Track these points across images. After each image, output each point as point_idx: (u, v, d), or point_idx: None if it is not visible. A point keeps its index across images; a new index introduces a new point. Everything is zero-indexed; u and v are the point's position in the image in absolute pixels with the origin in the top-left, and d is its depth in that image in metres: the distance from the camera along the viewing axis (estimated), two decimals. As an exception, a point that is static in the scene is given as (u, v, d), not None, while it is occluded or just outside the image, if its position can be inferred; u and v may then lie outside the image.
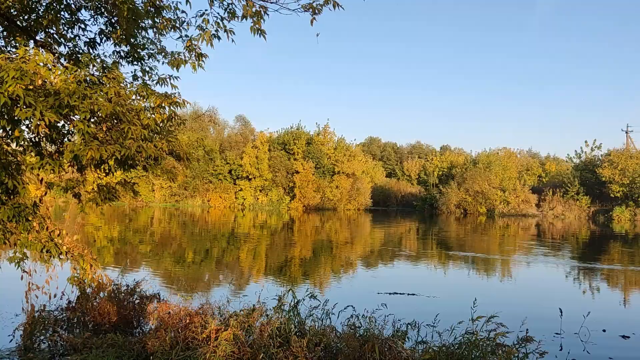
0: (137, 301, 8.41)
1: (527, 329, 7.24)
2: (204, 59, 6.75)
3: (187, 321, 6.79)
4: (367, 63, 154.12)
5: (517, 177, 65.66)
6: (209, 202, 62.62)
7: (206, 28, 6.39)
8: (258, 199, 63.84)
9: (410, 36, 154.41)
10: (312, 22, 5.91)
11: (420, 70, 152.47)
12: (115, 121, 6.21)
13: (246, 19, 6.14)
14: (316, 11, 5.90)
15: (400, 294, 12.12)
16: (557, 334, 8.70)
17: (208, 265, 17.14)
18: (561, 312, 8.73)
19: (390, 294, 12.07)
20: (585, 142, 65.52)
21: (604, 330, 9.03)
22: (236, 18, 6.34)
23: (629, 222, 50.94)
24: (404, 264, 18.24)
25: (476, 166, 64.62)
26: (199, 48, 6.65)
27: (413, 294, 12.08)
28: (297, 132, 67.48)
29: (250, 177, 63.57)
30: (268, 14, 6.08)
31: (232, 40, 6.43)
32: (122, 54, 7.52)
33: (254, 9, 5.98)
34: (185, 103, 6.84)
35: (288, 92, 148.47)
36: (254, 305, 7.04)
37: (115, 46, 7.38)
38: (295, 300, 7.40)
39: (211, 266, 16.90)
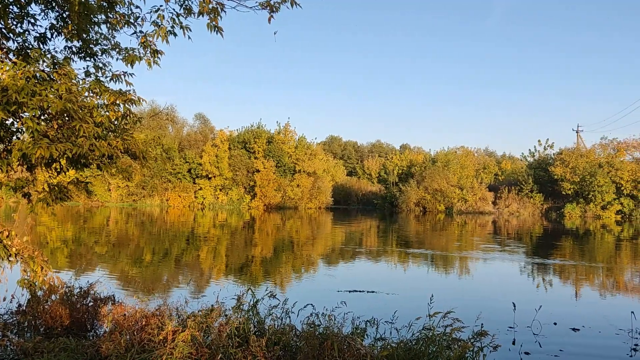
0: (90, 304, 8.18)
1: (482, 324, 7.41)
2: (159, 55, 6.61)
3: (143, 323, 6.66)
4: (327, 63, 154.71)
5: (475, 175, 67.22)
6: (167, 202, 61.58)
7: (161, 24, 6.26)
8: (218, 198, 63.18)
9: (369, 39, 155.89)
10: (269, 19, 5.88)
11: (380, 71, 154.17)
12: (66, 119, 6.02)
13: (203, 16, 6.05)
14: (274, 9, 5.87)
15: (360, 291, 12.22)
16: (510, 327, 8.95)
17: (167, 265, 16.85)
18: (514, 306, 8.99)
19: (350, 291, 12.15)
20: (539, 141, 67.54)
21: (555, 324, 9.34)
22: (192, 14, 6.24)
23: (579, 218, 52.85)
24: (364, 262, 18.39)
25: (435, 165, 65.79)
26: (155, 44, 6.51)
27: (373, 292, 12.20)
28: (257, 131, 67.13)
29: (210, 176, 62.86)
30: (225, 11, 6.01)
31: (189, 37, 6.32)
32: (74, 49, 7.29)
33: (210, 6, 5.90)
34: (141, 100, 6.70)
35: (248, 90, 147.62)
36: (212, 305, 6.96)
37: (66, 41, 7.15)
38: (255, 300, 7.36)
39: (170, 267, 16.62)
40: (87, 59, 7.27)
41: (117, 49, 7.07)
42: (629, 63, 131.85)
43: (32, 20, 7.06)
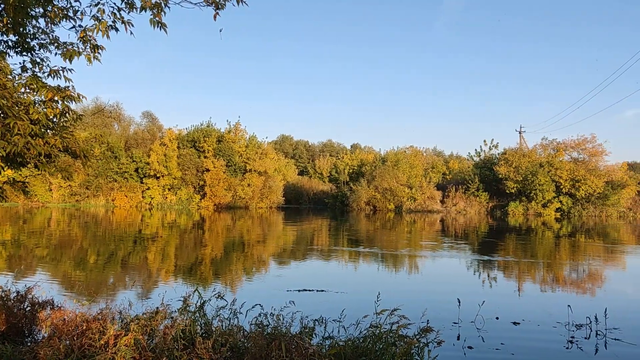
0: (28, 308, 7.84)
1: (427, 320, 7.58)
2: (100, 50, 6.38)
3: (84, 328, 6.43)
4: (278, 62, 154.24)
5: (423, 174, 68.63)
6: (113, 202, 59.85)
7: (102, 18, 6.04)
8: (167, 197, 61.92)
9: (320, 34, 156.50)
10: (215, 17, 5.77)
11: (331, 69, 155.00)
12: (1, 115, 5.75)
13: (145, 11, 5.88)
14: (219, 6, 5.78)
15: (309, 290, 12.24)
16: (455, 323, 9.18)
17: (112, 268, 16.36)
18: (459, 302, 9.22)
19: (300, 291, 12.15)
20: (484, 141, 69.65)
21: (497, 318, 9.64)
22: (135, 9, 6.06)
23: (522, 216, 54.84)
24: (315, 261, 18.44)
25: (385, 164, 66.75)
26: (95, 39, 6.29)
27: (322, 291, 12.25)
28: (207, 130, 66.21)
29: (158, 175, 61.51)
30: (169, 7, 5.86)
31: (131, 33, 6.13)
32: (9, 43, 6.95)
33: (153, 1, 5.75)
34: (81, 97, 6.47)
35: (198, 89, 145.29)
36: (157, 307, 6.81)
37: (1, 35, 6.82)
38: (202, 301, 7.25)
39: (115, 269, 16.15)
40: (24, 53, 6.96)
41: (55, 44, 6.80)
42: (568, 68, 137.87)
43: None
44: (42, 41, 6.83)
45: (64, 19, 6.43)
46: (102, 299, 10.94)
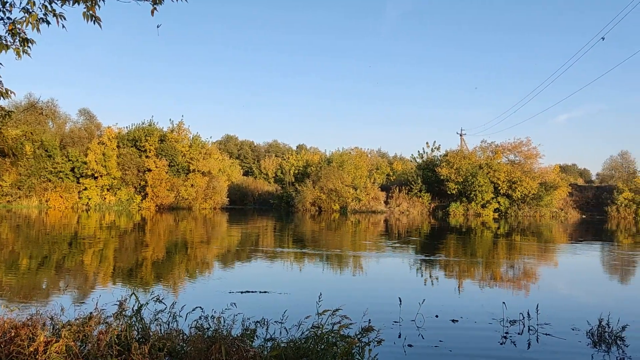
0: (-50, 316, 7.37)
1: (369, 319, 7.67)
2: (30, 44, 6.07)
3: (13, 334, 6.11)
4: (221, 60, 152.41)
5: (368, 175, 69.59)
6: (47, 203, 57.31)
7: (32, 11, 5.76)
8: (105, 198, 59.91)
9: (263, 37, 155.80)
10: (152, 12, 5.61)
11: (276, 70, 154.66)
12: None
13: (79, 4, 5.65)
14: (157, 1, 5.62)
15: (252, 292, 12.13)
16: (395, 322, 9.33)
17: (45, 272, 15.64)
18: (400, 301, 9.39)
19: (242, 292, 12.02)
20: (427, 143, 71.42)
21: (437, 316, 9.88)
22: (68, 2, 5.80)
23: (462, 216, 56.54)
24: (259, 262, 18.31)
25: (330, 165, 67.16)
26: (24, 32, 5.98)
27: (265, 292, 12.16)
28: (149, 129, 64.51)
29: (96, 175, 59.40)
30: (104, 0, 5.65)
31: (63, 26, 5.86)
32: None
33: (87, -7, 5.53)
34: (10, 93, 6.14)
35: (139, 87, 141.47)
36: (91, 312, 6.55)
37: None
38: (139, 305, 7.04)
39: (49, 273, 15.44)
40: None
41: (-19, 37, 6.40)
42: (505, 75, 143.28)
43: None
44: (-34, 33, 6.42)
45: (-9, 10, 6.07)
46: (33, 305, 10.43)
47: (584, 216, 60.77)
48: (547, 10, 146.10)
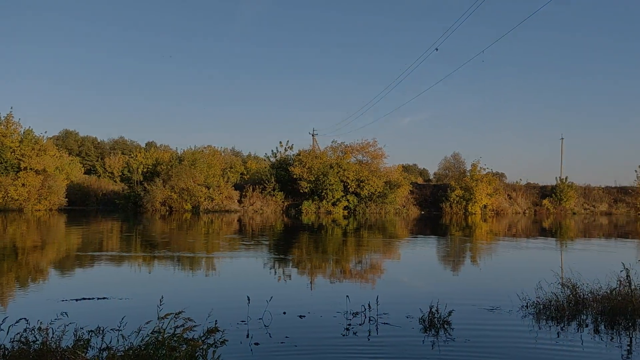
0: None
1: (215, 320, 7.48)
2: None
3: None
4: (57, 54, 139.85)
5: (221, 174, 68.54)
6: None
7: None
8: None
9: (107, 32, 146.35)
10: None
11: (127, 65, 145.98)
12: None
13: None
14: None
15: (89, 299, 11.22)
16: (242, 321, 9.24)
17: None
18: (249, 300, 9.32)
19: (77, 300, 11.05)
20: (280, 142, 72.27)
21: (284, 313, 9.97)
22: None
23: (314, 214, 58.32)
24: (101, 267, 17.03)
25: (182, 164, 65.06)
26: None
27: (104, 298, 11.32)
28: (-29, 121, 56.98)
29: None
30: None
31: None
32: None
33: None
34: None
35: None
36: None
37: None
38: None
39: None
40: None
41: None
42: (353, 77, 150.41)
43: None
44: None
45: None
46: None
47: (422, 212, 66.14)
48: (394, 14, 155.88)
